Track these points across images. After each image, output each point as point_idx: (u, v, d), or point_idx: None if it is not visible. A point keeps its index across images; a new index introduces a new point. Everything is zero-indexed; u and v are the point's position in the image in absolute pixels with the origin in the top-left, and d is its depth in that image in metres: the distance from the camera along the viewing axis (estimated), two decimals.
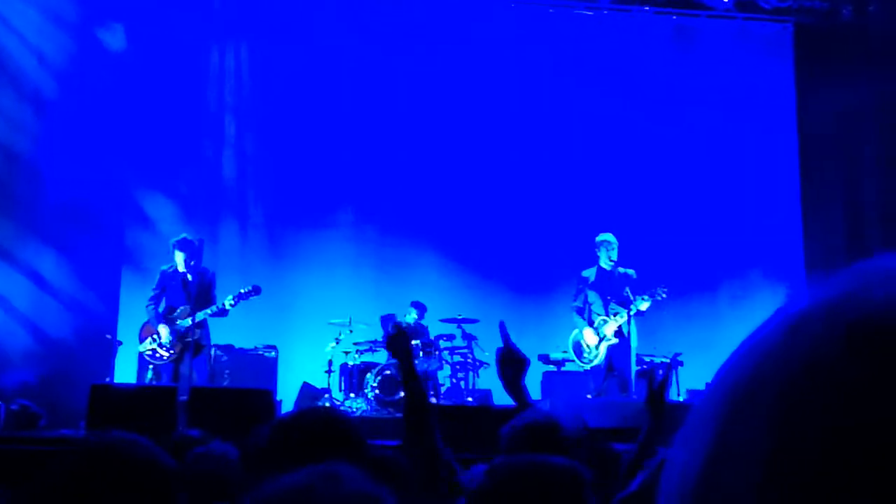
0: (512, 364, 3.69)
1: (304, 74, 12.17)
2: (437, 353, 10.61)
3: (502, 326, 3.84)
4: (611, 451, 3.99)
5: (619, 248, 9.60)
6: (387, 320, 10.62)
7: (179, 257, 9.08)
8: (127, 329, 10.31)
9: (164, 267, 9.25)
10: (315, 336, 10.86)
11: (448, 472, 3.03)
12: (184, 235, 9.34)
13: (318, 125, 12.14)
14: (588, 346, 9.47)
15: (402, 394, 9.76)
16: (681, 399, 10.23)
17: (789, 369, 0.54)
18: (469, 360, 10.71)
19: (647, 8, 12.74)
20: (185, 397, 7.42)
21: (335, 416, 2.42)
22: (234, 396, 7.71)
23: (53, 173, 10.74)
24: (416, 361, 10.12)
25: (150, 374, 9.21)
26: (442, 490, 2.93)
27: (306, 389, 10.45)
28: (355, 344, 10.47)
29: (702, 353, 11.27)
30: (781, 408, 0.53)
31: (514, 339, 3.62)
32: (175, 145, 11.87)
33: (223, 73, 12.09)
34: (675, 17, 12.98)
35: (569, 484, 2.15)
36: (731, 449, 0.55)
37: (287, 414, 2.48)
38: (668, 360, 10.64)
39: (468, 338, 10.73)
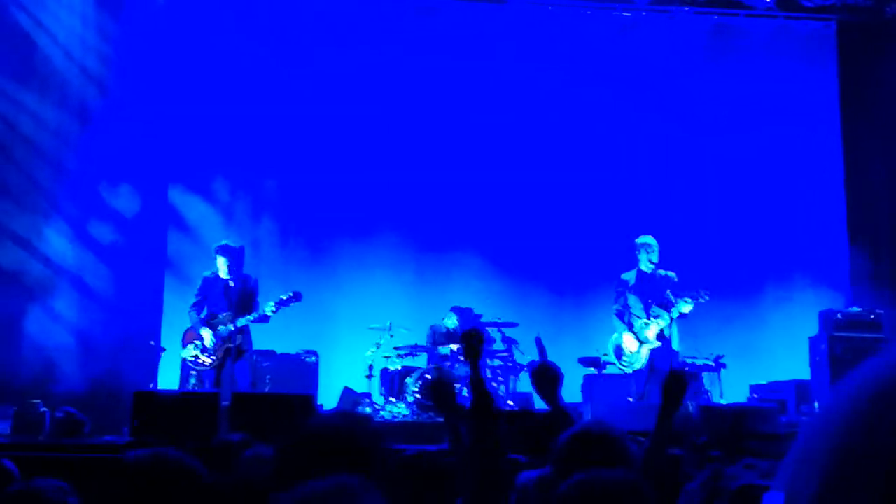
0: (547, 378, 3.77)
1: (343, 82, 12.22)
2: None
3: (538, 341, 3.92)
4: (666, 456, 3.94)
5: (660, 250, 9.52)
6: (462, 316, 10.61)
7: (221, 262, 9.15)
8: (170, 335, 10.39)
9: (207, 273, 9.32)
10: (355, 341, 10.89)
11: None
12: (225, 241, 9.41)
13: (359, 132, 12.17)
14: (628, 350, 9.41)
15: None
16: (723, 401, 10.13)
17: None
18: (509, 364, 10.68)
19: (686, 8, 12.65)
20: (227, 403, 7.46)
21: (358, 425, 2.42)
22: (275, 401, 7.73)
23: (96, 182, 10.88)
24: (457, 366, 10.16)
25: (192, 381, 9.26)
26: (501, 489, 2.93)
27: (347, 394, 10.47)
28: (395, 348, 10.49)
29: (745, 356, 11.19)
30: (889, 481, 0.52)
31: (553, 341, 3.61)
32: (215, 151, 11.97)
33: (264, 78, 12.15)
34: (715, 17, 12.87)
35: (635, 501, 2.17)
36: (843, 499, 0.54)
37: (315, 420, 2.48)
38: (711, 363, 10.56)
39: (508, 342, 10.70)
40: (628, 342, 9.43)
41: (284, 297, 9.02)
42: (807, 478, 0.58)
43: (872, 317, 10.44)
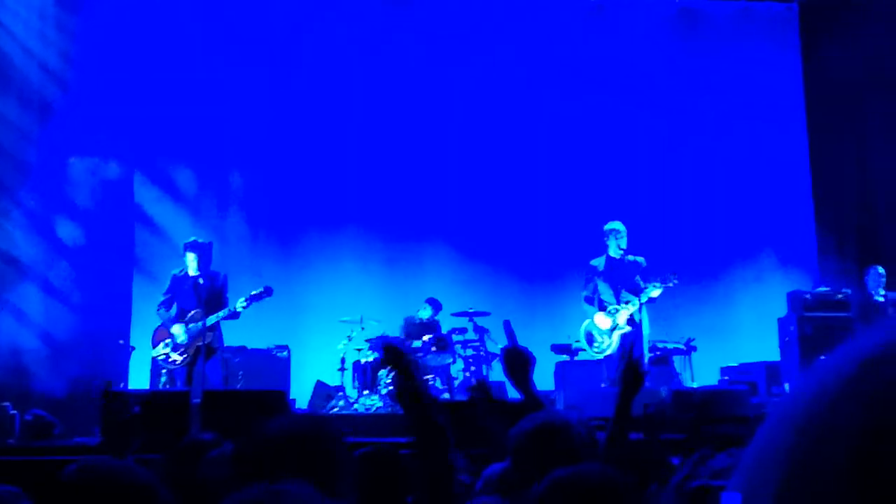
0: (518, 363, 3.71)
1: (307, 73, 12.17)
2: (449, 347, 10.60)
3: (507, 325, 3.87)
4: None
5: (629, 235, 9.55)
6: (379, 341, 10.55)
7: (191, 259, 9.09)
8: (140, 334, 10.32)
9: (175, 271, 9.26)
10: (327, 334, 10.87)
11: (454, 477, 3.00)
12: (193, 238, 9.36)
13: (324, 123, 12.13)
14: (601, 333, 9.43)
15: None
16: (694, 385, 10.20)
17: (864, 412, 0.52)
18: (482, 353, 10.70)
19: None
20: (198, 401, 7.41)
21: (317, 427, 2.40)
22: (247, 398, 7.70)
23: (60, 180, 10.78)
24: (429, 357, 10.16)
25: (163, 379, 9.21)
26: (452, 492, 2.90)
27: (320, 388, 10.45)
28: (367, 341, 10.47)
29: (715, 338, 11.27)
30: (859, 447, 0.51)
31: (525, 329, 3.60)
32: (181, 146, 11.89)
33: (228, 71, 12.07)
34: (678, 1, 12.91)
35: (617, 497, 2.16)
36: (806, 486, 0.53)
37: (274, 422, 2.46)
38: (682, 346, 10.62)
39: (480, 331, 10.72)
40: (601, 321, 9.45)
41: (255, 293, 8.98)
42: (765, 475, 0.57)
43: (840, 296, 10.54)
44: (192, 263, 9.10)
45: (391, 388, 9.85)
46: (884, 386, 0.54)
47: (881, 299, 10.09)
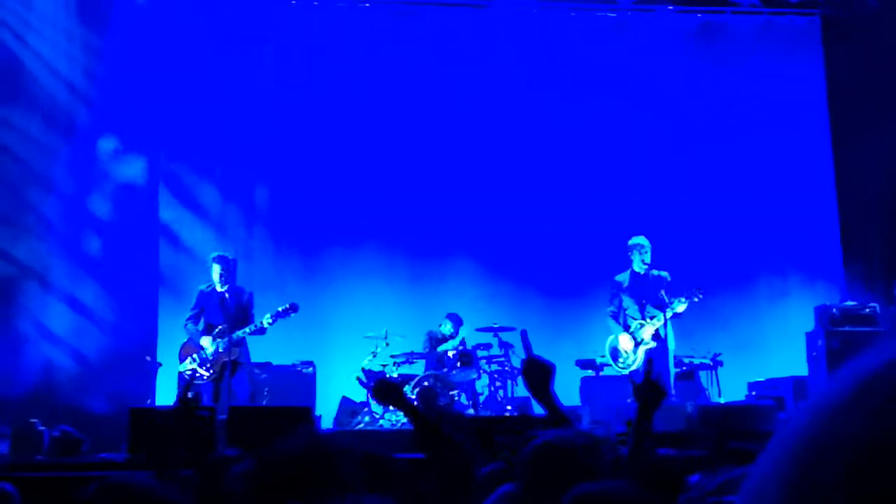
0: (537, 373, 3.56)
1: (332, 90, 12.22)
2: (474, 362, 10.59)
3: (524, 335, 3.73)
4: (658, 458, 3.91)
5: (653, 250, 9.52)
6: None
7: (216, 270, 9.10)
8: (166, 351, 10.36)
9: (202, 287, 9.30)
10: (352, 350, 10.88)
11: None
12: (219, 252, 9.42)
13: (349, 139, 12.18)
14: (625, 351, 9.40)
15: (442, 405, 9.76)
16: (721, 400, 10.14)
17: (861, 433, 0.53)
18: (507, 369, 10.68)
19: (670, 7, 12.67)
20: (224, 417, 7.44)
21: (332, 447, 2.42)
22: (272, 414, 7.73)
23: (86, 198, 10.87)
24: (454, 372, 10.16)
25: (190, 395, 9.23)
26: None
27: (345, 404, 10.47)
28: (392, 356, 10.48)
29: (741, 353, 11.20)
30: (853, 472, 0.52)
31: (550, 344, 3.52)
32: (205, 163, 11.98)
33: (252, 88, 12.16)
34: (699, 15, 12.90)
35: None
36: (805, 501, 0.54)
37: (291, 442, 2.48)
38: (709, 361, 10.56)
39: (505, 346, 10.71)
40: (625, 343, 9.43)
41: (281, 309, 8.99)
42: (767, 490, 0.58)
43: (867, 310, 10.46)
44: (216, 275, 9.11)
45: (416, 403, 9.86)
46: (881, 403, 0.54)
47: None
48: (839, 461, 0.54)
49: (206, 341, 9.06)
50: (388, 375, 10.12)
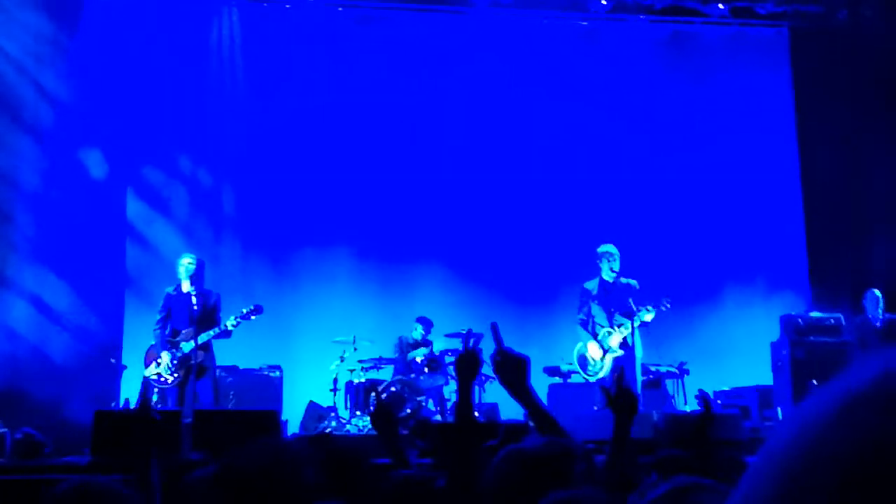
0: (511, 366, 3.24)
1: (301, 92, 12.19)
2: (442, 368, 10.58)
3: (494, 328, 3.34)
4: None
5: (621, 258, 9.55)
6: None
7: (184, 266, 9.01)
8: (132, 352, 10.28)
9: (169, 289, 9.22)
10: (320, 355, 10.84)
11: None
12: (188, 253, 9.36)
13: (318, 144, 12.15)
14: (593, 359, 9.42)
15: (409, 410, 9.73)
16: (687, 409, 10.19)
17: (849, 450, 0.53)
18: None
19: (642, 16, 12.76)
20: (189, 420, 7.39)
21: (289, 457, 2.41)
22: (238, 418, 7.67)
23: (53, 199, 10.76)
24: (422, 378, 10.15)
25: (155, 398, 9.17)
26: None
27: (312, 408, 10.43)
28: (360, 361, 10.45)
29: (707, 361, 11.27)
30: (842, 487, 0.51)
31: (518, 350, 3.29)
32: (173, 166, 11.91)
33: (223, 95, 12.11)
34: (670, 25, 12.99)
35: None
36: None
37: (248, 451, 2.47)
38: (675, 370, 10.61)
39: None
40: (593, 351, 9.44)
41: (245, 311, 8.96)
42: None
43: (832, 321, 10.54)
44: (184, 273, 9.02)
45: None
46: (871, 417, 0.54)
47: (879, 323, 10.10)
48: (829, 476, 0.53)
49: (164, 355, 8.98)
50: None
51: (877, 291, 10.24)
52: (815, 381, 9.65)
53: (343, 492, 3.07)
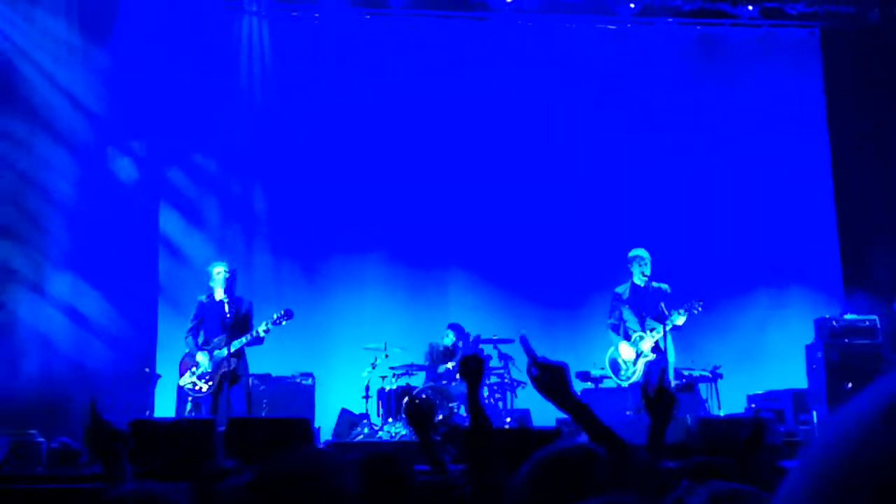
0: (551, 377, 3.13)
1: (330, 99, 12.24)
2: None
3: (524, 340, 3.29)
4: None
5: (653, 262, 9.51)
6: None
7: (217, 274, 9.06)
8: (165, 361, 10.36)
9: (202, 297, 9.28)
10: (351, 362, 10.86)
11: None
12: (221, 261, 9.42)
13: (349, 152, 12.19)
14: (625, 361, 9.37)
15: (441, 417, 9.73)
16: (720, 413, 10.12)
17: (890, 455, 0.52)
18: (506, 381, 10.66)
19: (670, 19, 12.70)
20: (223, 429, 7.42)
21: (327, 464, 2.42)
22: (271, 426, 7.70)
23: (86, 209, 10.87)
24: (454, 384, 10.14)
25: (189, 406, 9.22)
26: None
27: (345, 415, 10.45)
28: (392, 368, 10.46)
29: (741, 365, 11.19)
30: (882, 493, 0.51)
31: (548, 356, 3.23)
32: (205, 174, 11.99)
33: (251, 100, 12.19)
34: (699, 28, 12.92)
35: None
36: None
37: (287, 458, 2.48)
38: (708, 374, 10.55)
39: (504, 358, 10.69)
40: (625, 351, 9.40)
41: (276, 316, 8.98)
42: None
43: (867, 323, 10.45)
44: (218, 281, 9.07)
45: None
46: None
47: None
48: (868, 481, 0.53)
49: (201, 357, 9.03)
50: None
51: None
52: (850, 384, 9.57)
53: (384, 500, 3.08)
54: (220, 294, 9.06)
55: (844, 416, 0.59)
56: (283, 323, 9.04)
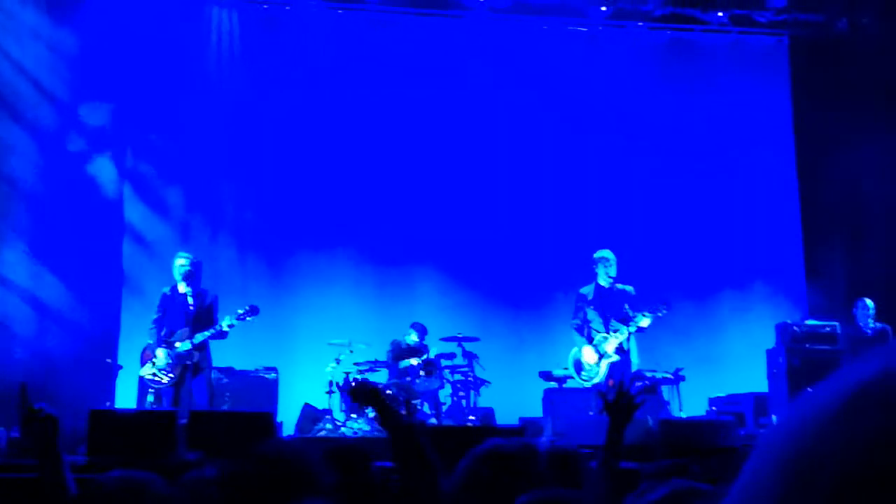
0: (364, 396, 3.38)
1: (299, 94, 12.20)
2: (437, 371, 10.59)
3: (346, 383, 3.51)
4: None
5: (618, 263, 9.55)
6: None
7: (179, 266, 8.97)
8: (127, 352, 10.28)
9: (165, 290, 9.19)
10: (316, 357, 10.83)
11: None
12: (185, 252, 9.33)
13: (315, 145, 12.16)
14: (588, 364, 9.41)
15: (404, 413, 9.73)
16: (682, 415, 10.20)
17: (850, 447, 0.53)
18: (470, 379, 10.67)
19: (640, 23, 12.78)
20: (185, 421, 7.38)
21: (302, 453, 2.42)
22: (233, 419, 7.66)
23: (50, 197, 10.76)
24: (417, 381, 10.15)
25: (150, 398, 9.15)
26: None
27: (308, 410, 10.42)
28: (356, 364, 10.43)
29: (703, 368, 11.28)
30: (840, 491, 0.52)
31: (514, 355, 3.36)
32: (171, 165, 11.90)
33: (221, 96, 12.12)
34: (669, 32, 13.01)
35: None
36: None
37: (262, 447, 2.48)
38: (670, 376, 10.62)
39: (469, 356, 10.70)
40: (588, 355, 9.43)
41: (241, 312, 8.92)
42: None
43: (828, 329, 10.56)
44: (179, 274, 8.98)
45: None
46: (874, 413, 0.54)
47: (869, 332, 10.12)
48: (830, 472, 0.53)
49: (159, 352, 8.93)
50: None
51: (868, 301, 10.25)
52: (810, 389, 9.66)
53: (346, 492, 3.07)
54: (182, 287, 8.98)
55: (803, 409, 0.59)
56: (248, 319, 8.98)
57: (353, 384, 3.37)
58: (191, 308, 8.89)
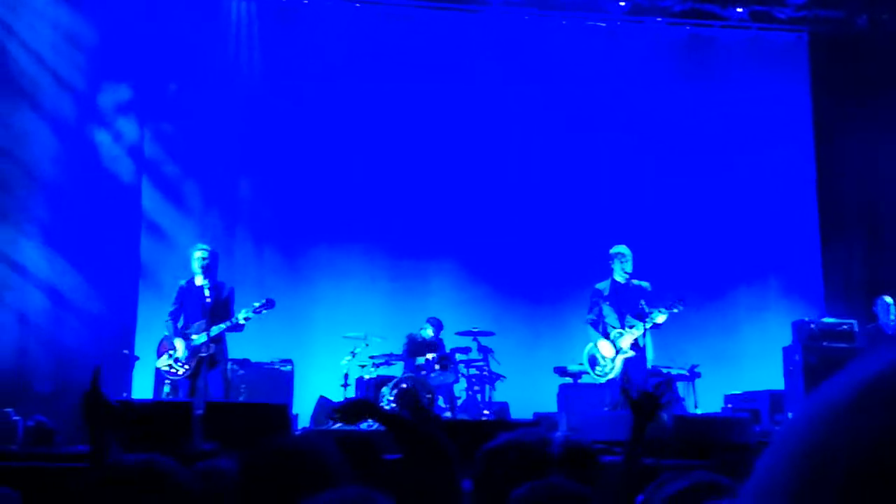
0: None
1: (317, 88, 12.22)
2: (452, 366, 10.59)
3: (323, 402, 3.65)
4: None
5: (634, 259, 9.52)
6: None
7: (197, 258, 8.99)
8: (144, 343, 10.31)
9: (182, 282, 9.22)
10: (331, 350, 10.86)
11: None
12: (202, 244, 9.36)
13: (333, 140, 12.18)
14: (604, 358, 9.38)
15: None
16: (697, 411, 10.17)
17: (861, 442, 0.53)
18: (485, 373, 10.69)
19: (659, 19, 12.74)
20: (200, 412, 7.40)
21: (322, 445, 2.43)
22: (248, 411, 7.69)
23: (68, 188, 10.80)
24: (432, 375, 10.15)
25: (166, 390, 9.19)
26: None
27: (323, 403, 10.45)
28: (371, 357, 10.47)
29: (719, 364, 11.25)
30: (852, 485, 0.52)
31: (529, 350, 3.43)
32: (188, 158, 11.95)
33: (239, 89, 12.15)
34: (688, 28, 12.97)
35: None
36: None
37: (280, 440, 2.49)
38: (686, 372, 10.60)
39: (484, 350, 10.71)
40: (604, 348, 9.40)
41: (257, 305, 8.94)
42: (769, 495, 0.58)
43: (845, 327, 10.51)
44: (197, 265, 9.00)
45: (393, 405, 9.84)
46: (885, 407, 0.54)
47: (891, 330, 10.07)
48: (842, 465, 0.54)
49: (178, 343, 8.97)
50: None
51: (888, 298, 10.20)
52: (821, 386, 9.62)
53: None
54: (199, 279, 9.01)
55: (816, 403, 0.59)
56: (264, 312, 9.00)
57: (338, 408, 3.41)
58: (207, 300, 8.90)
